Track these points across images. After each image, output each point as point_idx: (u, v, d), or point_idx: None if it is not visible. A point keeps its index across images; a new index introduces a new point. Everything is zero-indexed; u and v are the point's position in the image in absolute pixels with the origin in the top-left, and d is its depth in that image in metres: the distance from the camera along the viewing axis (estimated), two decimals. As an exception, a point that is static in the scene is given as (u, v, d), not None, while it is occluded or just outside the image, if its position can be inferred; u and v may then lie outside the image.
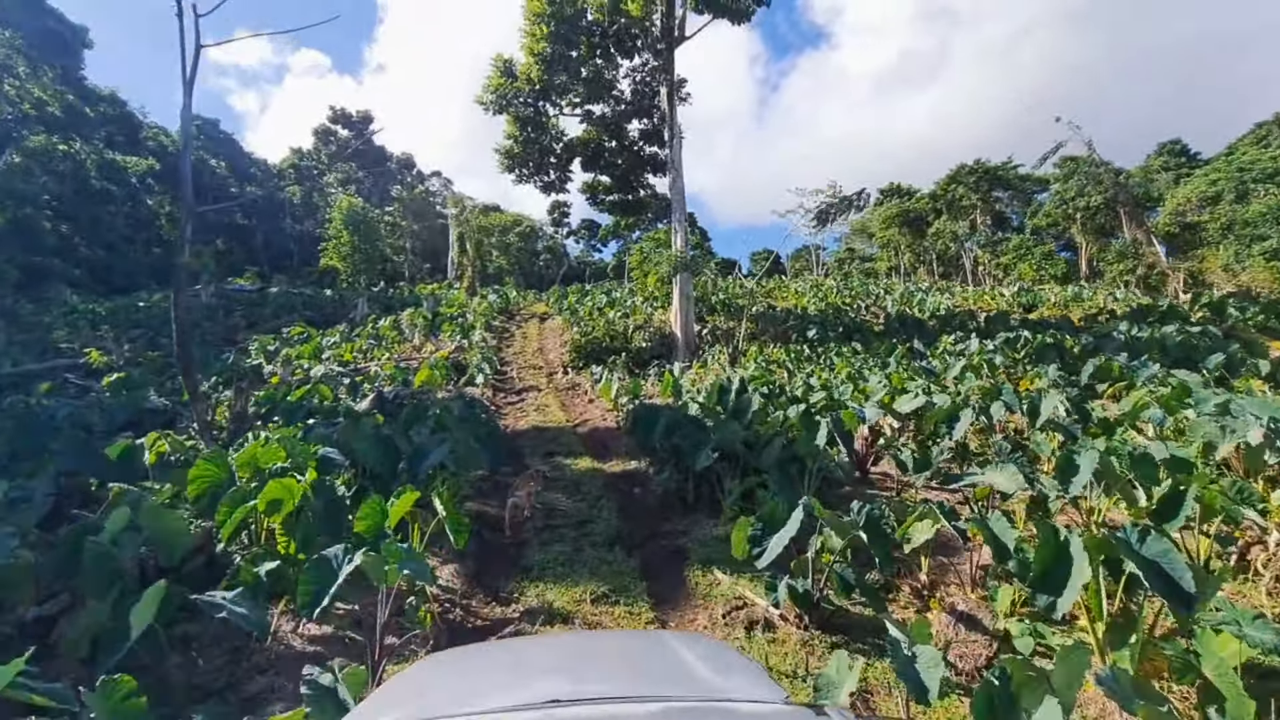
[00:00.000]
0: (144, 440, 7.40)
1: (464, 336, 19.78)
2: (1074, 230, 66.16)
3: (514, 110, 20.97)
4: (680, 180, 18.44)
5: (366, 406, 9.03)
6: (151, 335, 18.75)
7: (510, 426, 12.96)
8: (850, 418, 8.21)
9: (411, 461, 6.03)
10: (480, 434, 7.11)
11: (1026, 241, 54.94)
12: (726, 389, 9.55)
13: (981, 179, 67.22)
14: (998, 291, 24.88)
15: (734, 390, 9.32)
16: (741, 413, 8.48)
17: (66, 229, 40.53)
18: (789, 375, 13.61)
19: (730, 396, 9.31)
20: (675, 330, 18.08)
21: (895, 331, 18.06)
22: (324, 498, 4.98)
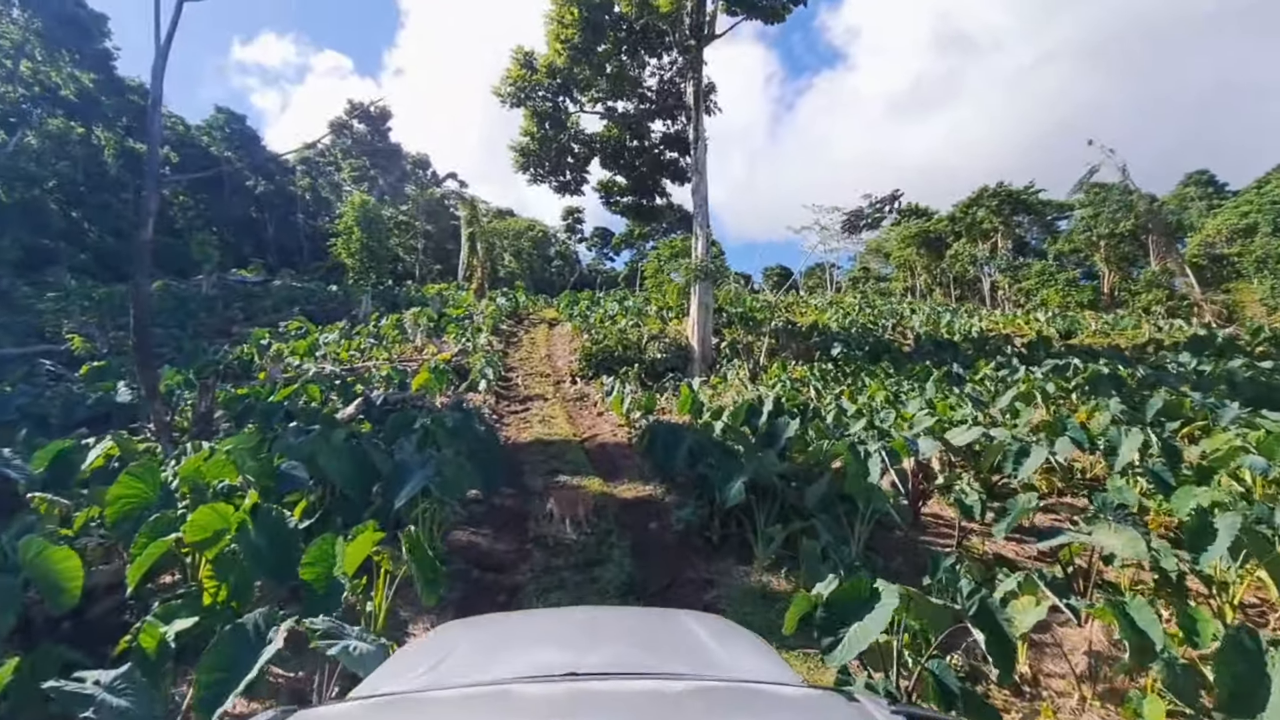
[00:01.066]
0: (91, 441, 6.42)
1: (469, 340, 18.81)
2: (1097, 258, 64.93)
3: (532, 104, 20.12)
4: (704, 184, 17.47)
5: (351, 412, 8.03)
6: (143, 324, 17.86)
7: (512, 438, 11.93)
8: (901, 449, 7.12)
9: (389, 483, 4.99)
10: (475, 450, 6.06)
11: (1049, 267, 53.65)
12: (756, 409, 8.49)
13: (1004, 202, 66.05)
14: (1031, 316, 23.76)
15: (766, 411, 8.25)
16: (774, 438, 7.40)
17: (76, 213, 40.14)
18: (817, 395, 12.52)
19: (761, 419, 8.24)
20: (692, 342, 17.03)
21: (926, 353, 16.94)
22: (268, 530, 3.95)
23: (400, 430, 6.59)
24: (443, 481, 5.04)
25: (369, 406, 7.98)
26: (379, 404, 8.53)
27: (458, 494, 5.05)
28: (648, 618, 2.70)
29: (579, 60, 17.90)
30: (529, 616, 3.25)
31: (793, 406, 9.22)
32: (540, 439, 11.58)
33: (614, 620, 2.54)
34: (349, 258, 37.67)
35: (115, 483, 4.24)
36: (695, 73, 17.58)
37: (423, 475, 4.86)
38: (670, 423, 9.43)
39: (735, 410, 8.99)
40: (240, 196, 57.78)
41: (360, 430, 7.74)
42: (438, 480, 5.01)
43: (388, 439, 6.57)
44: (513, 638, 2.13)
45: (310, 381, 11.96)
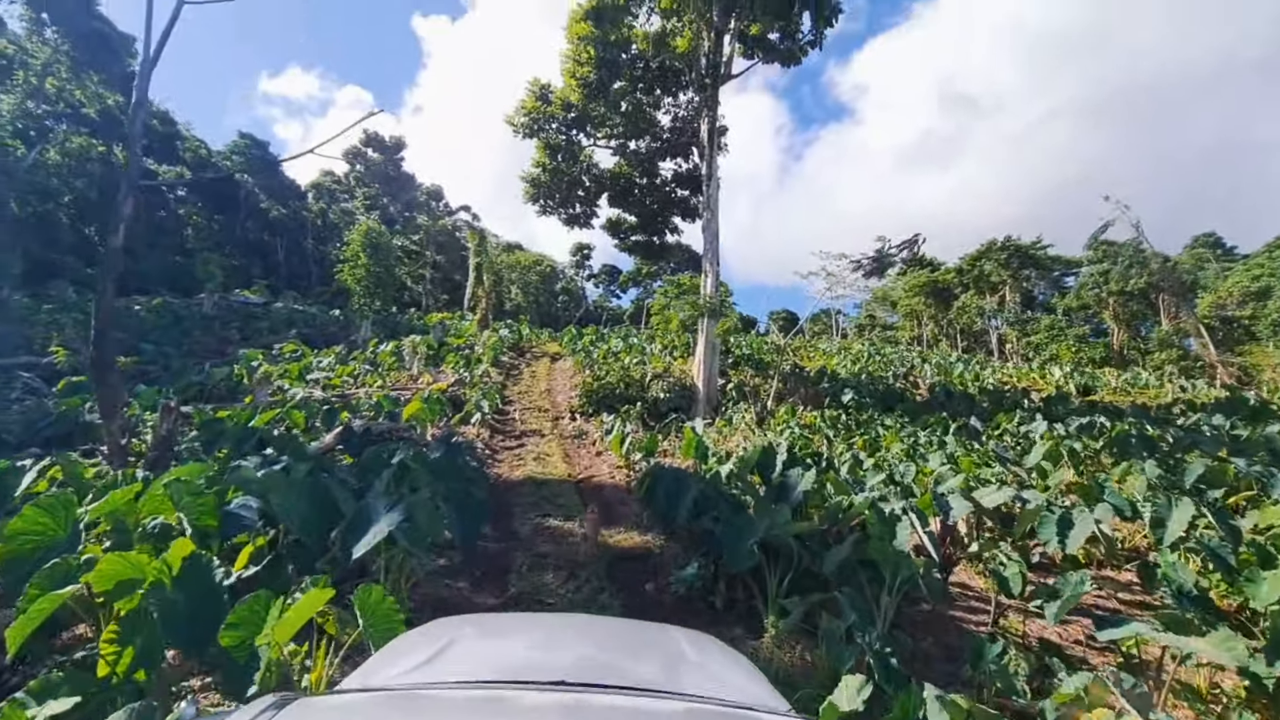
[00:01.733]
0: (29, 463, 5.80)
1: (467, 370, 18.26)
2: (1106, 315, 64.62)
3: (545, 137, 20.03)
4: (715, 221, 17.15)
5: (329, 442, 7.40)
6: (134, 341, 17.42)
7: (503, 476, 11.24)
8: (928, 508, 6.42)
9: (350, 528, 4.34)
10: (455, 493, 5.40)
11: (1059, 322, 53.24)
12: (768, 458, 7.82)
13: (1012, 256, 66.15)
14: (1046, 370, 23.12)
15: (779, 460, 7.58)
16: (787, 491, 6.72)
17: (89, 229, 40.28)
18: (829, 444, 11.82)
19: (773, 468, 7.56)
20: (697, 382, 16.42)
21: (940, 404, 16.27)
22: (192, 583, 3.29)
23: (375, 465, 5.95)
24: (412, 529, 4.38)
25: (350, 437, 7.35)
26: (361, 434, 7.90)
27: (429, 545, 4.38)
28: (640, 630, 2.69)
29: (594, 98, 17.84)
30: (523, 619, 3.31)
31: (806, 455, 8.54)
32: (533, 477, 10.88)
33: (605, 630, 2.54)
34: (354, 283, 37.48)
35: (17, 515, 3.60)
36: (710, 111, 17.45)
37: (388, 521, 4.21)
38: (673, 468, 8.75)
39: (745, 457, 8.32)
40: (255, 220, 58.28)
41: (336, 463, 7.11)
42: (406, 527, 4.35)
43: (361, 474, 5.93)
44: (505, 639, 2.17)
45: (296, 407, 11.36)
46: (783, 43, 17.30)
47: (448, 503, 5.14)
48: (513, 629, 2.44)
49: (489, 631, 2.31)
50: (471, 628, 2.29)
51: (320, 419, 10.76)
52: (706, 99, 17.49)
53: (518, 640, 2.14)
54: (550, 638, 2.18)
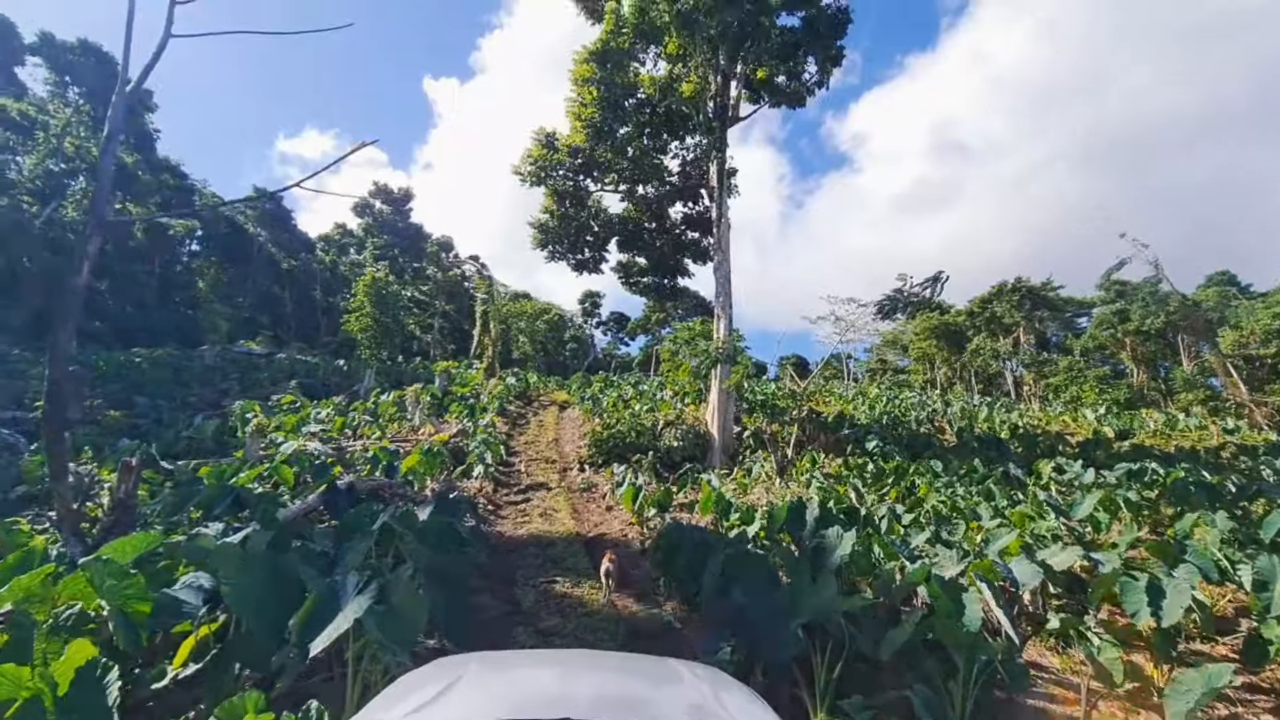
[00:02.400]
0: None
1: (471, 420, 17.55)
2: (1124, 355, 63.55)
3: (553, 184, 19.85)
4: (727, 263, 16.66)
5: (311, 502, 6.65)
6: (130, 393, 16.90)
7: (505, 535, 10.38)
8: (990, 574, 5.53)
9: (310, 616, 3.55)
10: (440, 569, 4.60)
11: (1077, 364, 52.15)
12: (798, 514, 6.99)
13: (1024, 297, 65.63)
14: (1079, 413, 22.13)
15: (810, 518, 6.75)
16: (824, 554, 5.86)
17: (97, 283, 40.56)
18: (857, 496, 10.92)
19: (805, 528, 6.72)
20: (711, 430, 15.61)
21: (971, 450, 15.33)
22: (81, 705, 2.52)
23: (357, 529, 5.18)
24: (387, 617, 3.59)
25: (335, 496, 6.59)
26: (348, 492, 7.14)
27: (406, 641, 3.58)
28: (642, 664, 2.70)
29: (599, 139, 17.68)
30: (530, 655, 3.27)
31: (839, 511, 7.68)
32: (539, 536, 10.02)
33: (609, 665, 2.57)
34: (359, 333, 37.30)
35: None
36: (718, 153, 17.22)
37: (356, 606, 3.44)
38: (692, 528, 7.89)
39: (773, 514, 7.47)
40: (266, 272, 58.89)
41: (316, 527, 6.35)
42: (380, 613, 3.57)
43: (340, 541, 5.15)
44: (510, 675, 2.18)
45: (286, 462, 10.64)
46: (789, 84, 17.19)
47: (436, 581, 4.34)
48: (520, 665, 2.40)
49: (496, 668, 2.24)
50: (477, 665, 2.22)
51: (311, 475, 10.02)
52: (714, 141, 17.29)
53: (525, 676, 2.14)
54: (558, 673, 2.18)
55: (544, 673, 2.22)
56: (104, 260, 41.28)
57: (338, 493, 6.58)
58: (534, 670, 2.28)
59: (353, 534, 5.19)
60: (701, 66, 17.10)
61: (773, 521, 7.42)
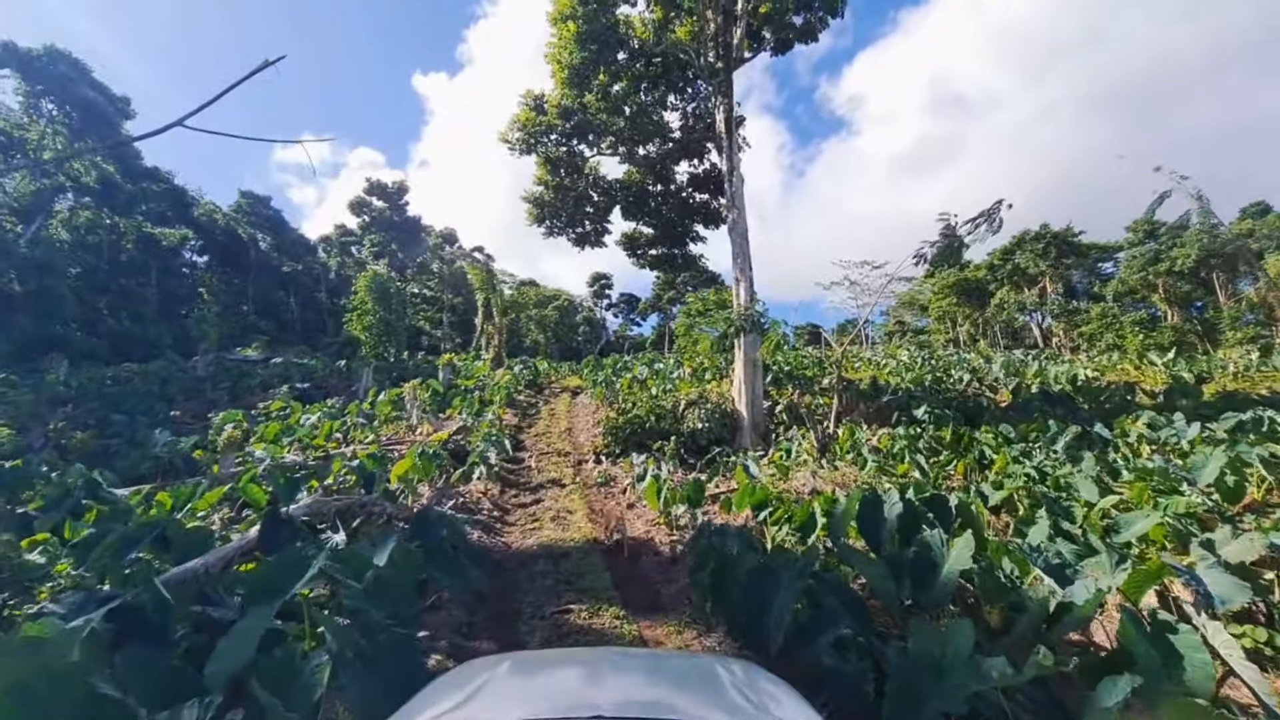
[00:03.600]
0: None
1: (474, 414, 16.10)
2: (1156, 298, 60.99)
3: (544, 150, 18.14)
4: (743, 220, 14.89)
5: (247, 540, 5.16)
6: (107, 410, 15.63)
7: (513, 546, 8.91)
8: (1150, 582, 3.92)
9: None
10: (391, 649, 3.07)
11: (1111, 309, 49.63)
12: (872, 509, 5.41)
13: (1049, 245, 62.84)
14: (1144, 360, 20.17)
15: (891, 513, 5.18)
16: (925, 569, 4.27)
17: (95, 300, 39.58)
18: (922, 473, 9.28)
19: (883, 527, 5.15)
20: (739, 407, 14.00)
21: (1034, 408, 13.61)
22: None
23: (274, 585, 3.68)
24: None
25: (273, 529, 5.06)
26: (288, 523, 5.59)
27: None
28: (673, 661, 2.68)
29: (583, 86, 15.84)
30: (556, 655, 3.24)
31: (920, 500, 6.05)
32: (550, 545, 8.53)
33: (639, 662, 2.54)
34: (362, 332, 35.92)
35: None
36: (725, 98, 15.35)
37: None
38: (734, 532, 6.34)
39: (836, 511, 5.89)
40: (267, 277, 57.80)
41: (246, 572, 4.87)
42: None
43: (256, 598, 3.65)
44: (539, 676, 2.18)
45: (256, 480, 9.23)
46: (800, 13, 15.24)
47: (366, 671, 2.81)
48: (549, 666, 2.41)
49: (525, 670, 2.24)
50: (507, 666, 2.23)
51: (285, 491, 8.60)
52: (719, 85, 15.42)
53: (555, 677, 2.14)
54: (588, 673, 2.17)
55: (574, 672, 2.19)
56: (99, 277, 40.36)
57: (276, 524, 5.10)
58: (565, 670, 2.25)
59: (273, 589, 3.67)
60: (700, 3, 15.21)
61: (836, 521, 5.84)
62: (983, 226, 10.41)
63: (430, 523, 6.13)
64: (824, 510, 6.62)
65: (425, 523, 6.14)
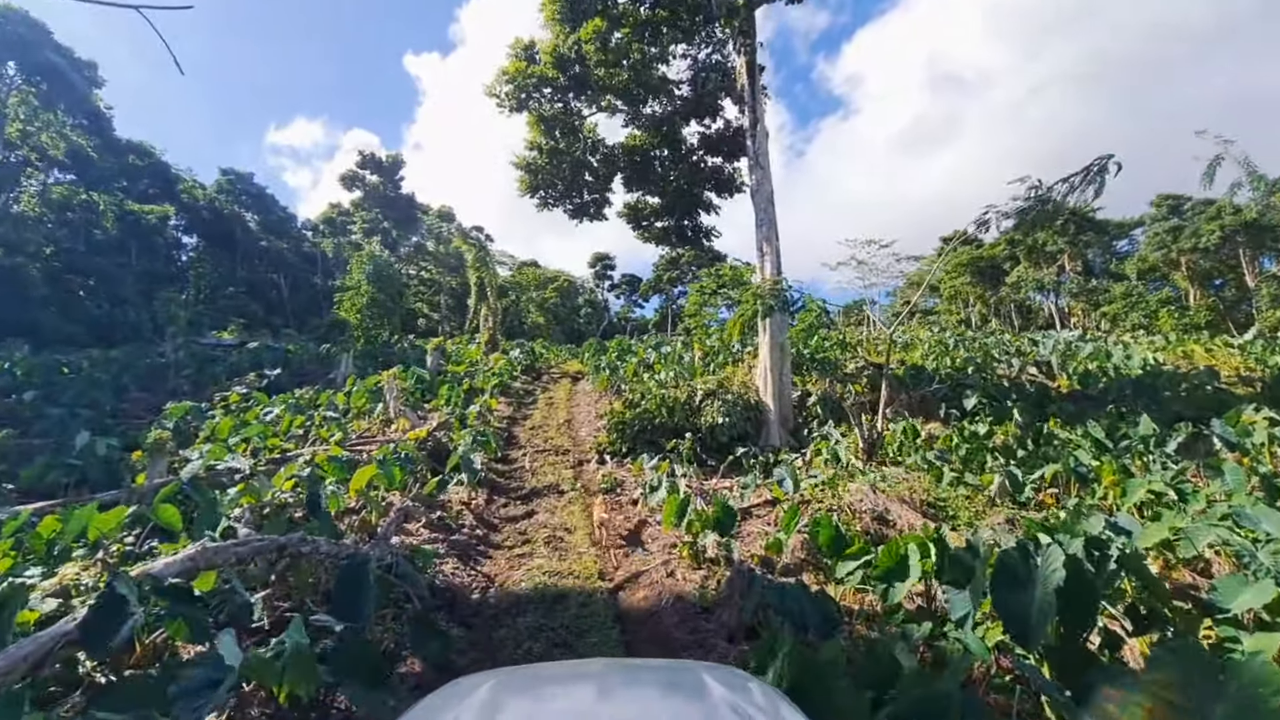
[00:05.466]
0: None
1: (460, 405, 14.25)
2: (1178, 276, 58.96)
3: (537, 107, 16.06)
4: (768, 183, 12.88)
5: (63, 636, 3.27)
6: (46, 404, 13.77)
7: (497, 578, 7.08)
8: None
9: None
10: None
11: (1136, 288, 47.48)
12: (1011, 574, 3.55)
13: (1068, 221, 60.40)
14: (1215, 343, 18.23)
15: (1051, 577, 3.33)
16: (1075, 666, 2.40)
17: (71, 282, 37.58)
18: (1013, 489, 7.41)
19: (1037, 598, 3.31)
20: (765, 398, 12.11)
21: (1109, 398, 11.73)
22: None
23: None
24: None
25: (109, 610, 3.18)
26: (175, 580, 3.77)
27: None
28: (665, 671, 2.68)
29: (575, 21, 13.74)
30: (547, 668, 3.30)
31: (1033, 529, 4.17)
32: (544, 586, 6.68)
33: (631, 674, 2.53)
34: (354, 314, 33.88)
35: None
36: (746, 39, 13.24)
37: None
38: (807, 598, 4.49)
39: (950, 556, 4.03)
40: (255, 258, 55.72)
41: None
42: None
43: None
44: (531, 690, 2.18)
45: (172, 497, 7.41)
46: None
47: None
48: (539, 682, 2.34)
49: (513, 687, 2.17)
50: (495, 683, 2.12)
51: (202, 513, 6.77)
52: (741, 25, 13.31)
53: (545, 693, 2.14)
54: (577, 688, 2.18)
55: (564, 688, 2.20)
56: (76, 257, 38.30)
57: (112, 605, 3.25)
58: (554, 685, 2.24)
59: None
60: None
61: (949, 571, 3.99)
62: (1081, 187, 8.42)
63: (360, 582, 4.28)
64: (921, 548, 4.79)
65: (353, 580, 4.28)
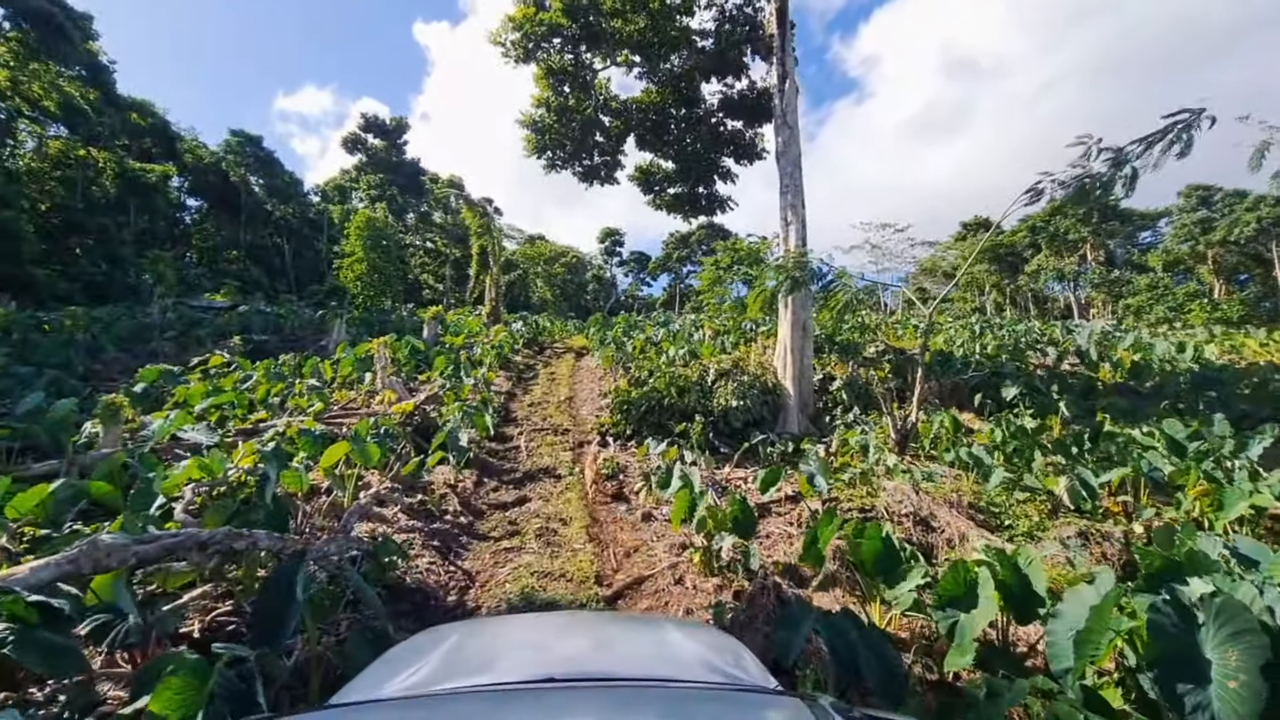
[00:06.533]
0: None
1: (453, 378, 13.29)
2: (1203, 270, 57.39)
3: (545, 58, 14.81)
4: (796, 145, 11.68)
5: None
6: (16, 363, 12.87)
7: (479, 577, 6.14)
8: None
9: None
10: None
11: (1163, 280, 45.85)
12: (1171, 640, 2.51)
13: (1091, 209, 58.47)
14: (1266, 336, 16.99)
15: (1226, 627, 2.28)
16: None
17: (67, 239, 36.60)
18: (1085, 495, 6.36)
19: (1218, 676, 2.27)
20: (783, 381, 11.06)
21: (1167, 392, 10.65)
22: None
23: None
24: None
25: None
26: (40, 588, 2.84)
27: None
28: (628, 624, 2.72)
29: None
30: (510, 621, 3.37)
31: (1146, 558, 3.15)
32: (531, 593, 5.72)
33: (593, 626, 2.54)
34: (353, 281, 32.86)
35: None
36: (779, -19, 11.94)
37: None
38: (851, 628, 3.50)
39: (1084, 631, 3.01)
40: (260, 222, 54.53)
41: None
42: None
43: None
44: (494, 642, 2.16)
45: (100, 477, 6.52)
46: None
47: None
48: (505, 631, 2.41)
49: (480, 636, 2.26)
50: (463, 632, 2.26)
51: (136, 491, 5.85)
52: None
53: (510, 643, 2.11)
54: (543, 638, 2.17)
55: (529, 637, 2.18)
56: (72, 214, 37.25)
57: None
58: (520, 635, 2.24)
59: None
60: None
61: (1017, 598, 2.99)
62: (1161, 147, 7.22)
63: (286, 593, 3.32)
64: (997, 577, 3.79)
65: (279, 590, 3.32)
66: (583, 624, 2.65)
